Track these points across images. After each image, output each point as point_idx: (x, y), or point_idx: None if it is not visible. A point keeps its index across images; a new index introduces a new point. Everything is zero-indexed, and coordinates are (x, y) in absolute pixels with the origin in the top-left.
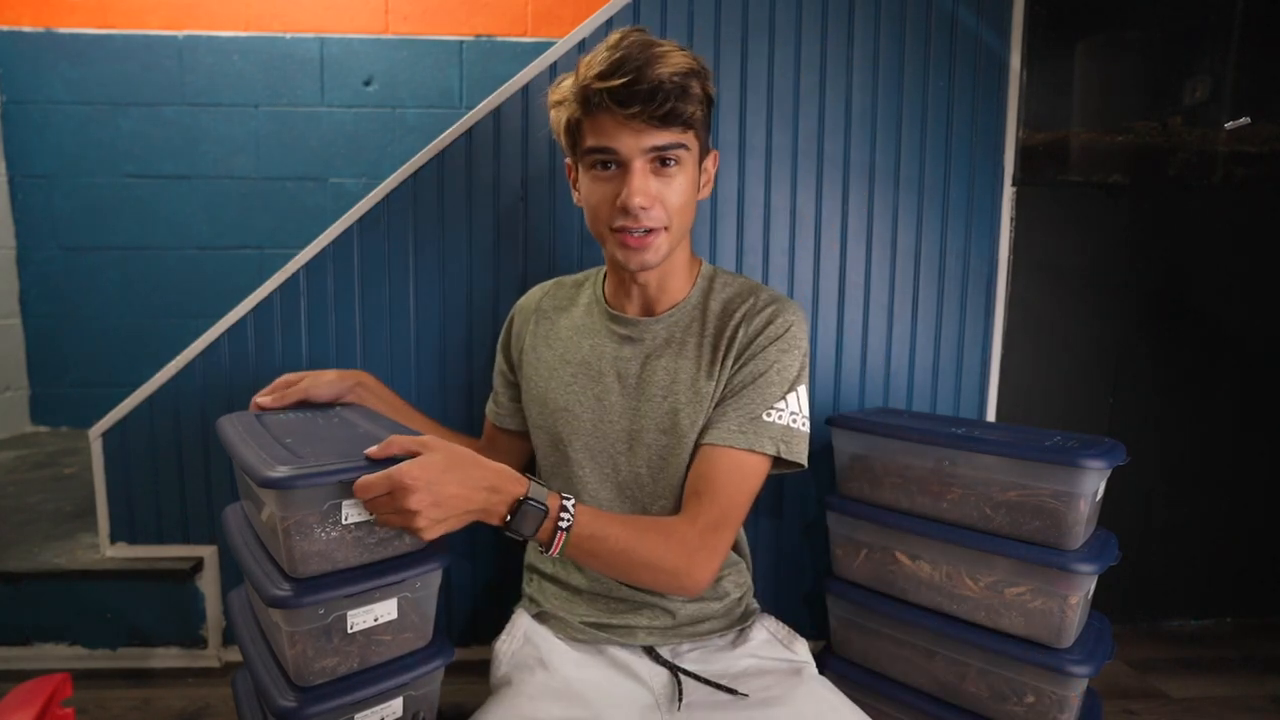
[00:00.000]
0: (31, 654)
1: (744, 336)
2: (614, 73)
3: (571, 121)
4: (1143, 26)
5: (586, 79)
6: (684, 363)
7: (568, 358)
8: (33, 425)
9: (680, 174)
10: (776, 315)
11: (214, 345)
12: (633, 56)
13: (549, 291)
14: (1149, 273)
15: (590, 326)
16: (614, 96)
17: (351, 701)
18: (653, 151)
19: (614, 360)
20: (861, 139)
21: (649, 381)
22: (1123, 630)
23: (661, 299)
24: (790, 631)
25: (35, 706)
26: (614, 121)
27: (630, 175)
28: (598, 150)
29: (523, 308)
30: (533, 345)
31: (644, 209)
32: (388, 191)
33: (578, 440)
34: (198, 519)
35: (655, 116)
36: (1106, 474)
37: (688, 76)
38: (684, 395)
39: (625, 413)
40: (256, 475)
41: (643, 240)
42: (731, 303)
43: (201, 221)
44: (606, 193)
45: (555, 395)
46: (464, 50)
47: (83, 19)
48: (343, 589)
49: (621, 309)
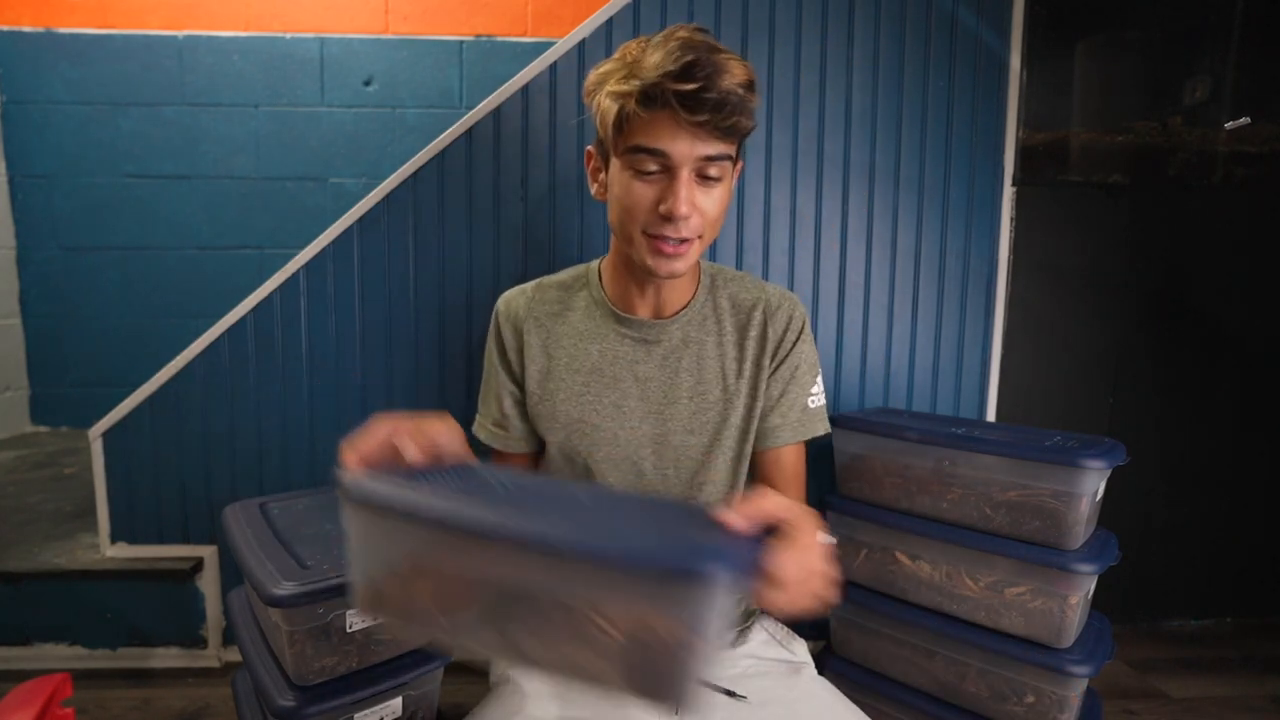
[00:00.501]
0: (31, 654)
1: (774, 335)
2: (687, 76)
3: (625, 113)
4: (1143, 26)
5: (656, 75)
6: (707, 362)
7: (575, 366)
8: (33, 425)
9: (721, 185)
10: (794, 309)
11: (214, 345)
12: (704, 62)
13: (533, 297)
14: (1149, 273)
15: (595, 331)
16: (683, 101)
17: (351, 701)
18: (703, 161)
19: (630, 364)
20: (861, 139)
21: (672, 384)
22: (1123, 630)
23: (672, 299)
24: (789, 632)
25: (35, 706)
26: (674, 124)
27: (677, 183)
28: (647, 151)
29: (509, 317)
30: (533, 356)
31: (687, 218)
32: (388, 191)
33: (598, 451)
34: (198, 519)
35: (720, 128)
36: (1106, 474)
37: (749, 89)
38: (712, 394)
39: (648, 417)
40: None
41: (677, 249)
42: (741, 300)
43: (201, 221)
44: (647, 195)
45: (567, 407)
46: (464, 50)
47: (83, 19)
48: (342, 588)
49: (630, 310)
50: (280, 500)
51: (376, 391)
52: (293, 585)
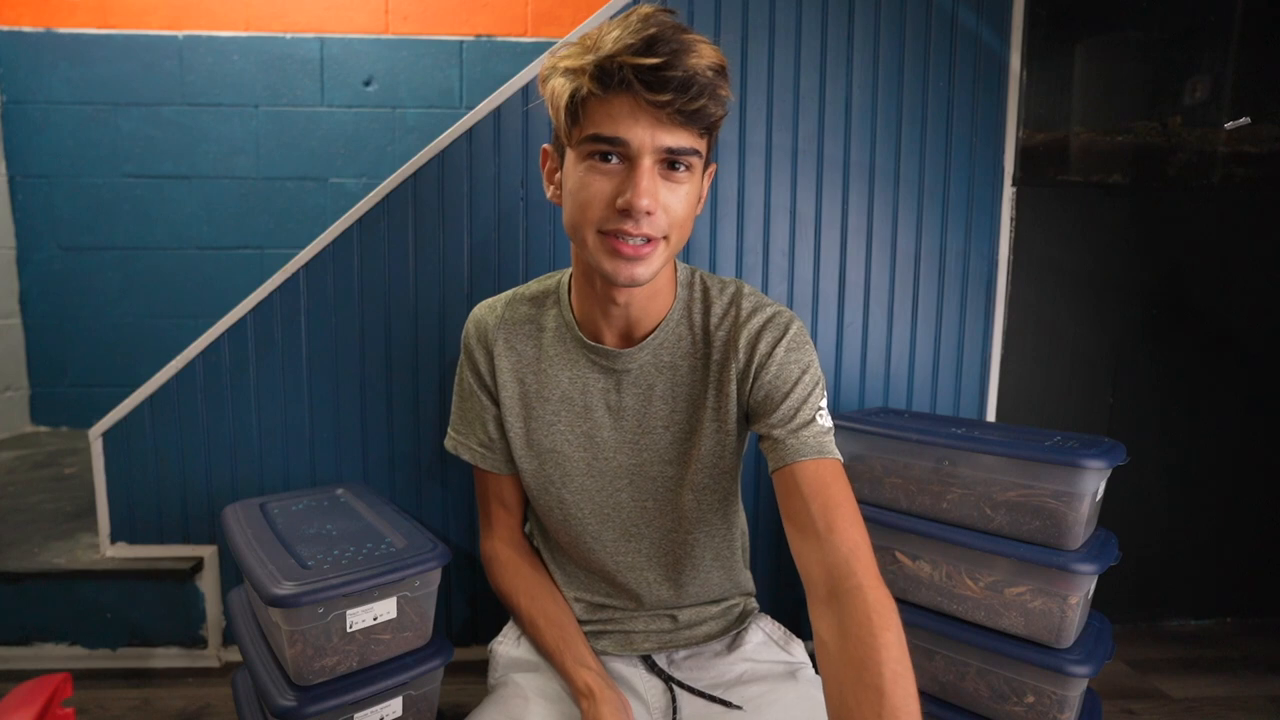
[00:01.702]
0: (31, 654)
1: (755, 347)
2: (647, 50)
3: (578, 96)
4: (1143, 26)
5: (612, 50)
6: (680, 388)
7: (545, 393)
8: (33, 425)
9: (688, 182)
10: (779, 318)
11: (214, 345)
12: (666, 38)
13: (503, 316)
14: (1149, 273)
15: (564, 355)
16: (643, 77)
17: (351, 700)
18: (667, 153)
19: (602, 393)
20: (861, 139)
21: (646, 413)
22: (1123, 630)
23: (643, 321)
24: (787, 633)
25: (35, 706)
26: (632, 107)
27: (638, 173)
28: (603, 139)
29: (480, 338)
30: (504, 382)
31: (649, 212)
32: (388, 191)
33: (572, 483)
34: (198, 519)
35: (684, 111)
36: (1106, 474)
37: (719, 74)
38: (688, 423)
39: (622, 448)
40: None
41: (638, 250)
42: (719, 314)
43: (201, 221)
44: (604, 189)
45: (539, 436)
46: (464, 50)
47: (83, 19)
48: (342, 588)
49: (597, 337)
50: (280, 500)
51: (376, 391)
52: (293, 585)
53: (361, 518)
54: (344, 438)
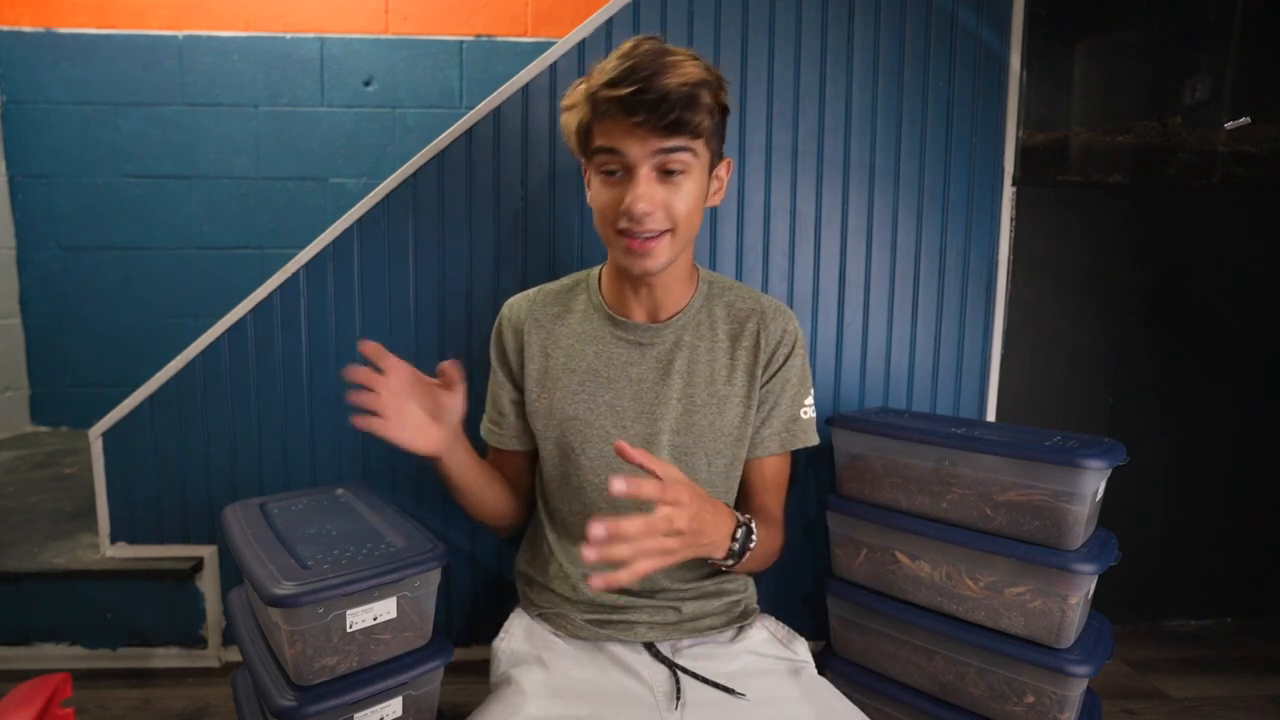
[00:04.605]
0: (31, 654)
1: (767, 346)
2: (623, 81)
3: (583, 125)
4: (1143, 26)
5: (597, 85)
6: (698, 366)
7: (572, 366)
8: (33, 425)
9: (687, 181)
10: (788, 322)
11: (214, 345)
12: (643, 65)
13: (535, 300)
14: (1149, 273)
15: (592, 333)
16: (621, 104)
17: (351, 700)
18: (658, 157)
19: (624, 366)
20: (861, 139)
21: (664, 385)
22: (1123, 630)
23: (667, 303)
24: (790, 631)
25: (35, 706)
26: (621, 127)
27: (635, 181)
28: (605, 152)
29: (511, 320)
30: (531, 356)
31: (646, 214)
32: (388, 191)
33: (590, 449)
34: (198, 519)
35: (660, 126)
36: (1106, 474)
37: (697, 86)
38: (700, 397)
39: (639, 417)
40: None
41: (645, 244)
42: (736, 308)
43: (201, 221)
44: (613, 197)
45: (563, 405)
46: (464, 50)
47: (83, 19)
48: (342, 588)
49: (626, 314)
50: (280, 500)
51: None
52: (293, 585)
53: (361, 518)
54: (344, 438)
